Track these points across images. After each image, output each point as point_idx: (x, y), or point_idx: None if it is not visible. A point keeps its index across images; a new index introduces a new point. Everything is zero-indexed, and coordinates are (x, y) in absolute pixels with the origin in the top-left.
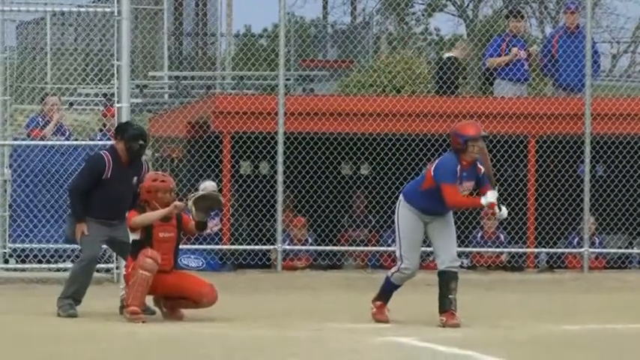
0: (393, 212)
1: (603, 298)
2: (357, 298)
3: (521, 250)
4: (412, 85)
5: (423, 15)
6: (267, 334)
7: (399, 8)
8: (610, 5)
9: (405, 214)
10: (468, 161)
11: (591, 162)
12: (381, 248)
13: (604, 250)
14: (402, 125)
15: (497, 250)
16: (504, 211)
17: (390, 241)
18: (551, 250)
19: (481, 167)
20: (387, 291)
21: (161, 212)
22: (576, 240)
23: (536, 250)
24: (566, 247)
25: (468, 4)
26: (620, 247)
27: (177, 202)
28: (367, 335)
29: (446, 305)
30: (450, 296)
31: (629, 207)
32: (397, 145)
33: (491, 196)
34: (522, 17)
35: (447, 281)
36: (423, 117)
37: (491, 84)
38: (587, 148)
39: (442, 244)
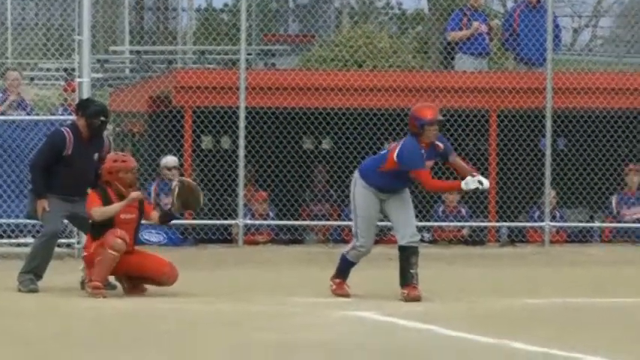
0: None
1: (564, 271)
2: (318, 273)
3: (482, 224)
4: (374, 60)
5: None
6: (229, 309)
7: None
8: None
9: (361, 192)
10: (427, 142)
11: (553, 136)
12: (343, 223)
13: (565, 224)
14: (363, 100)
15: (459, 224)
16: (486, 182)
17: (351, 216)
18: (513, 224)
19: (440, 144)
20: (344, 268)
21: (120, 205)
22: (537, 214)
23: (497, 224)
24: (527, 221)
25: None
26: (581, 221)
27: (134, 193)
28: (329, 310)
29: (407, 279)
30: (411, 270)
31: (590, 181)
32: (359, 120)
33: (471, 183)
34: None
35: (407, 256)
36: (385, 91)
37: (453, 58)
38: (549, 122)
39: (401, 219)
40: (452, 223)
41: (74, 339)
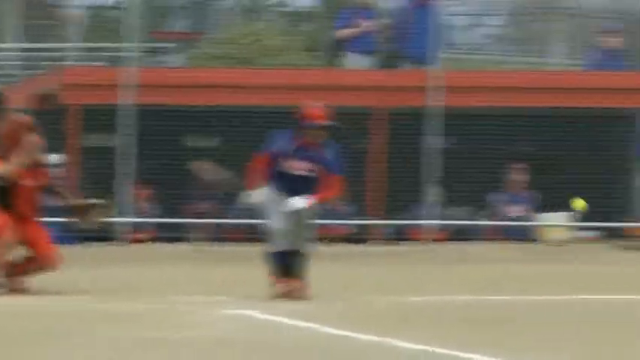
0: (241, 184)
1: (447, 269)
2: (202, 271)
3: (366, 222)
4: (263, 58)
5: None
6: (114, 307)
7: None
8: None
9: (267, 195)
10: (309, 142)
11: (441, 134)
12: (228, 221)
13: (448, 222)
14: (251, 98)
15: (342, 222)
16: (293, 203)
17: (237, 213)
18: (397, 222)
19: (327, 156)
20: (279, 265)
21: (22, 157)
22: (421, 212)
23: (381, 221)
24: (411, 219)
25: None
26: (464, 219)
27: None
28: (213, 308)
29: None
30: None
31: (475, 179)
32: (248, 118)
33: (256, 196)
34: None
35: (299, 259)
36: (274, 89)
37: (342, 56)
38: (434, 121)
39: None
40: (335, 221)
41: None
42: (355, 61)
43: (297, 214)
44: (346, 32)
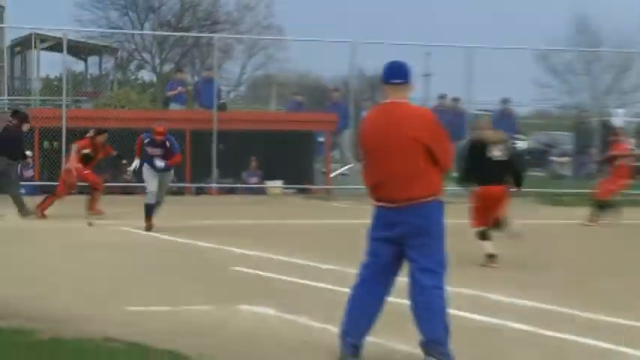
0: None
1: (228, 209)
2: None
3: (183, 185)
4: (130, 105)
5: (137, 69)
6: (50, 225)
7: (125, 67)
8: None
9: (144, 167)
10: (159, 140)
11: (219, 142)
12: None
13: (224, 185)
14: (124, 124)
15: (171, 185)
16: (159, 163)
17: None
18: (199, 185)
19: (169, 143)
20: (149, 211)
21: None
22: (210, 180)
23: (191, 184)
24: (205, 183)
25: (158, 64)
26: (231, 184)
27: None
28: (109, 227)
29: (147, 214)
30: (149, 214)
31: (235, 164)
32: (123, 134)
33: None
34: (183, 71)
35: (150, 208)
36: (135, 119)
37: (169, 104)
38: (215, 135)
39: (160, 190)
40: (173, 185)
41: None
42: (176, 107)
43: (160, 178)
44: (171, 92)
